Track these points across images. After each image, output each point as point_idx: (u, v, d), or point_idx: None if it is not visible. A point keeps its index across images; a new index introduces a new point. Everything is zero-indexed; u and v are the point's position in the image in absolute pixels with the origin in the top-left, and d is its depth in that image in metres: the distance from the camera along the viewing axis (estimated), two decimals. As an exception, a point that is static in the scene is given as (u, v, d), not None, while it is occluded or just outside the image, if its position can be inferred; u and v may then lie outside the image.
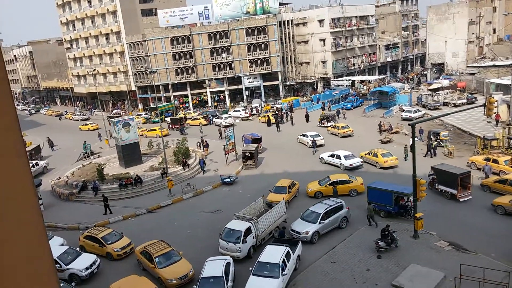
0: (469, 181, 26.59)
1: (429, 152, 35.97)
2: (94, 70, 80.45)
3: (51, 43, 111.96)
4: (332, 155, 36.05)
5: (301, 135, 44.52)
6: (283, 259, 18.83)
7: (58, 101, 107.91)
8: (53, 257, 2.75)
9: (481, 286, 16.55)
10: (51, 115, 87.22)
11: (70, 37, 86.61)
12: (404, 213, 24.61)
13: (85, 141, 48.19)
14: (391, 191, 24.41)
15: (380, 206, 25.11)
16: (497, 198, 25.25)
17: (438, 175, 27.53)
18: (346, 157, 35.05)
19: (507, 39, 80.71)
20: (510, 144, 33.41)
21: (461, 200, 26.29)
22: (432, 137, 38.34)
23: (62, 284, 19.04)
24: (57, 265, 21.08)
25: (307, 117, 53.58)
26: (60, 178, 38.93)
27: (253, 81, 72.25)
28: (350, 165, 34.41)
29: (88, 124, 67.68)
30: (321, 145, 41.54)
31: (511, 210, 23.75)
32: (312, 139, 41.48)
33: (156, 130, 54.78)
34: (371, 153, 35.44)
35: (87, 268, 21.30)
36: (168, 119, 62.31)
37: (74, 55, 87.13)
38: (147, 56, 72.18)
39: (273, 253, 19.30)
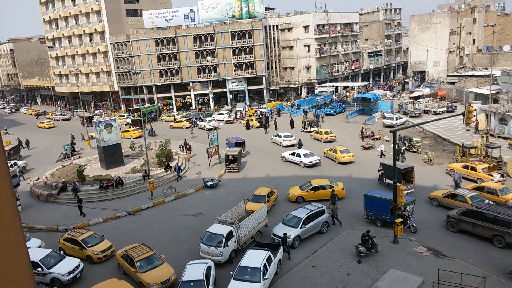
0: (412, 176, 29.55)
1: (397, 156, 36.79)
2: (77, 69, 79.39)
3: (33, 41, 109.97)
4: (293, 154, 38.63)
5: (275, 136, 47.21)
6: (264, 264, 18.87)
7: (38, 100, 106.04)
8: (30, 258, 2.65)
9: (458, 291, 16.89)
10: (31, 114, 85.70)
11: (53, 35, 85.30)
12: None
13: (72, 138, 48.60)
14: (388, 200, 23.64)
15: (376, 215, 24.57)
16: (433, 192, 28.25)
17: (386, 170, 30.48)
18: (305, 155, 37.55)
19: (486, 50, 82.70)
20: (487, 152, 34.20)
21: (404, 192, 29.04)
22: (406, 142, 39.75)
23: None
24: (39, 269, 20.61)
25: (292, 123, 53.41)
26: (39, 178, 38.26)
27: (237, 85, 72.34)
28: (309, 162, 37.01)
29: (44, 122, 69.45)
30: (293, 145, 43.83)
31: (444, 202, 26.68)
32: (287, 139, 44.97)
33: (130, 131, 54.95)
34: (332, 150, 38.78)
35: (69, 273, 20.71)
36: (129, 120, 62.54)
37: (57, 54, 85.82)
38: (131, 57, 71.58)
39: (254, 258, 19.32)
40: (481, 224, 22.28)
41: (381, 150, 38.58)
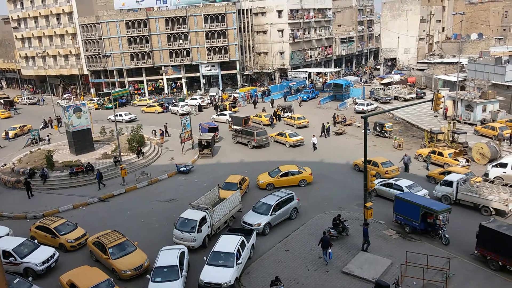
0: (249, 122, 42.88)
1: (323, 133, 41.22)
2: (44, 51, 76.68)
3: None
4: (221, 114, 50.30)
5: (218, 115, 50.69)
6: (238, 249, 19.06)
7: (4, 83, 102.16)
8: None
9: (424, 272, 17.56)
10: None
11: (18, 15, 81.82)
12: (431, 232, 21.60)
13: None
14: (419, 205, 21.51)
15: (406, 219, 22.30)
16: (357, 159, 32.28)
17: (233, 119, 43.79)
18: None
19: (455, 37, 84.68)
20: (454, 138, 35.29)
21: None
22: (377, 127, 40.93)
23: (17, 279, 18.07)
24: (11, 258, 20.11)
25: (275, 115, 49.06)
26: (5, 164, 37.11)
27: (210, 69, 71.66)
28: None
29: None
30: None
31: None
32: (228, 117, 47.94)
33: None
34: (257, 115, 48.06)
35: (43, 262, 20.22)
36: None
37: (22, 35, 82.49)
38: (101, 39, 69.62)
39: (228, 243, 19.49)
40: (244, 136, 38.90)
41: (314, 143, 37.54)
